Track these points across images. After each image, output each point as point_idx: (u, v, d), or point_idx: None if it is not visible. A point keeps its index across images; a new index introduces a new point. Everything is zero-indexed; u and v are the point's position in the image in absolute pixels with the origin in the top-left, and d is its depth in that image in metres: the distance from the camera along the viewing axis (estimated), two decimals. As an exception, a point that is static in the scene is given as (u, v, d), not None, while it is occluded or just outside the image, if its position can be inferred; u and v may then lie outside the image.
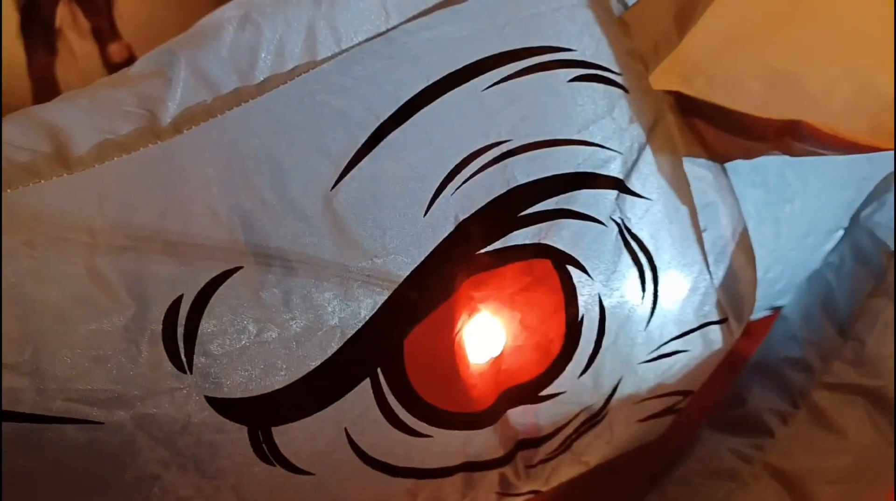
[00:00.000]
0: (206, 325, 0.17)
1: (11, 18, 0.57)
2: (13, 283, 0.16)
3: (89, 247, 0.16)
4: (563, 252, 0.21)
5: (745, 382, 0.36)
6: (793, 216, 0.31)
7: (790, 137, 0.24)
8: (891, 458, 0.33)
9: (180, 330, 0.16)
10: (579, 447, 0.24)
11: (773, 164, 0.30)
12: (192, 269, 0.17)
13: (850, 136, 0.23)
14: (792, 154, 0.25)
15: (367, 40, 0.20)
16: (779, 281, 0.33)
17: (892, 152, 0.27)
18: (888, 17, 0.26)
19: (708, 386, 0.36)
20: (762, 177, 0.30)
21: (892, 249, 0.33)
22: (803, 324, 0.35)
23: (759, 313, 0.38)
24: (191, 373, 0.16)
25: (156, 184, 0.17)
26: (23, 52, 0.58)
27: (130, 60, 0.64)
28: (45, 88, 0.60)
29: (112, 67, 0.62)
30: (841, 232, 0.34)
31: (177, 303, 0.16)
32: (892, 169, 0.34)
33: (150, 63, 0.21)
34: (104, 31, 0.61)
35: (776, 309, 0.38)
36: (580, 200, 0.21)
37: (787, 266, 0.33)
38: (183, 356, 0.16)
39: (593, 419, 0.23)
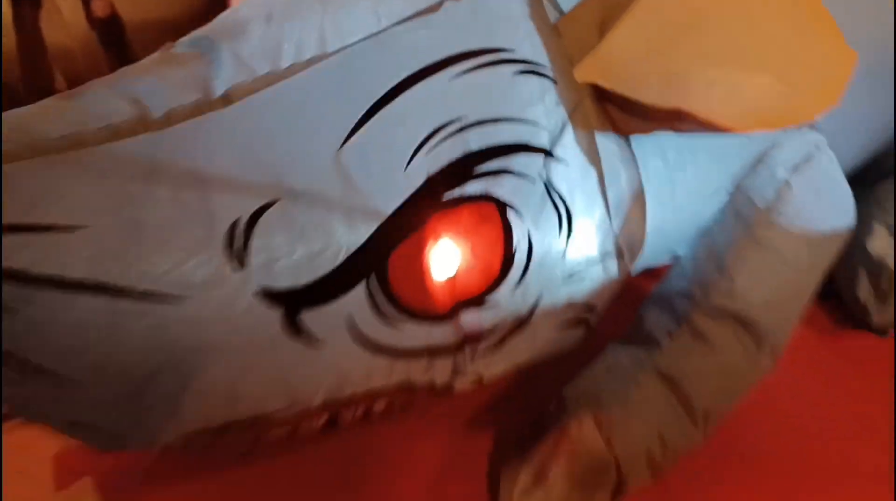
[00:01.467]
0: (255, 240, 0.24)
1: None
2: None
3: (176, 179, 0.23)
4: (503, 200, 0.28)
5: (644, 309, 0.42)
6: (685, 181, 0.39)
7: (677, 120, 0.31)
8: (752, 367, 0.41)
9: (237, 242, 0.24)
10: (509, 345, 0.31)
11: (670, 140, 0.37)
12: (245, 198, 0.24)
13: (720, 122, 0.30)
14: (679, 132, 0.33)
15: (364, 39, 0.26)
16: (675, 232, 0.41)
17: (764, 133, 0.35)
18: (755, 33, 0.32)
19: (621, 319, 0.44)
20: (662, 150, 0.37)
21: (761, 207, 0.42)
22: (692, 265, 0.41)
23: (662, 260, 0.47)
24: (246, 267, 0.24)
25: (219, 142, 0.24)
26: (9, 5, 0.60)
27: (113, 16, 0.68)
28: (29, 40, 0.62)
29: (95, 22, 0.65)
30: (726, 194, 0.43)
31: (235, 223, 0.24)
32: (766, 146, 0.42)
33: (192, 47, 0.27)
34: None
35: (676, 257, 0.46)
36: (517, 162, 0.28)
37: (680, 220, 0.40)
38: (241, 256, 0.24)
39: (521, 324, 0.31)
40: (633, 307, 0.44)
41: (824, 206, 0.40)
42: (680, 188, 0.38)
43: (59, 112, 0.23)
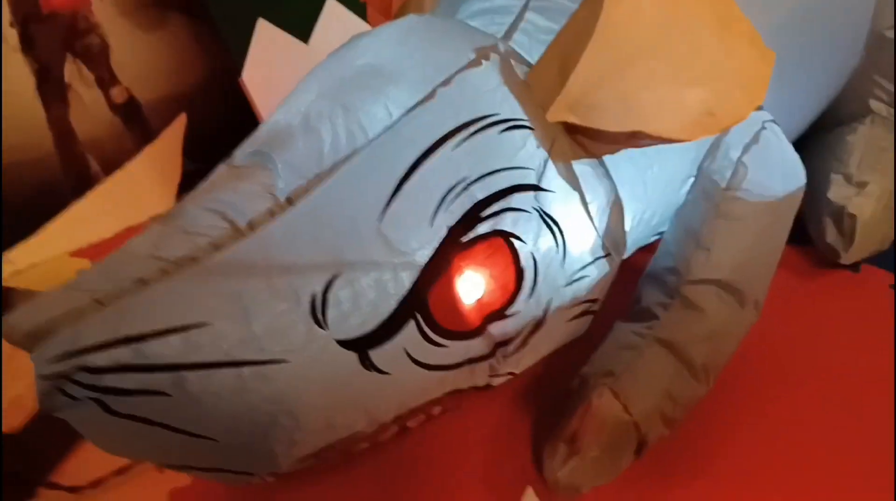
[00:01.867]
0: (329, 306, 0.31)
1: (29, 81, 0.67)
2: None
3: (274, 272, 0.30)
4: (509, 232, 0.34)
5: (640, 287, 0.48)
6: (654, 176, 0.45)
7: (636, 139, 0.35)
8: (739, 323, 0.48)
9: (317, 310, 0.31)
10: (532, 343, 0.38)
11: (641, 156, 0.42)
12: (317, 275, 0.31)
13: (670, 136, 0.34)
14: (639, 147, 0.39)
15: (382, 132, 0.33)
16: (653, 218, 0.48)
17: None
18: (689, 51, 0.35)
19: (624, 296, 0.51)
20: (630, 156, 0.42)
21: (722, 186, 0.48)
22: (673, 243, 0.47)
23: (651, 239, 0.54)
24: (327, 328, 0.31)
25: (291, 236, 0.30)
26: (41, 107, 0.68)
27: (131, 99, 0.76)
28: (63, 135, 0.70)
29: (116, 108, 0.73)
30: (692, 178, 0.50)
31: (314, 295, 0.31)
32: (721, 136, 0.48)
33: (251, 160, 0.34)
34: (105, 79, 0.72)
35: (662, 234, 0.53)
36: (514, 200, 0.34)
37: (657, 208, 0.47)
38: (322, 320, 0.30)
39: (539, 324, 0.37)
40: (633, 283, 0.51)
41: (776, 175, 0.47)
42: (651, 184, 0.45)
43: (172, 237, 0.30)
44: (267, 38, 0.70)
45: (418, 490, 0.45)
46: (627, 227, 0.44)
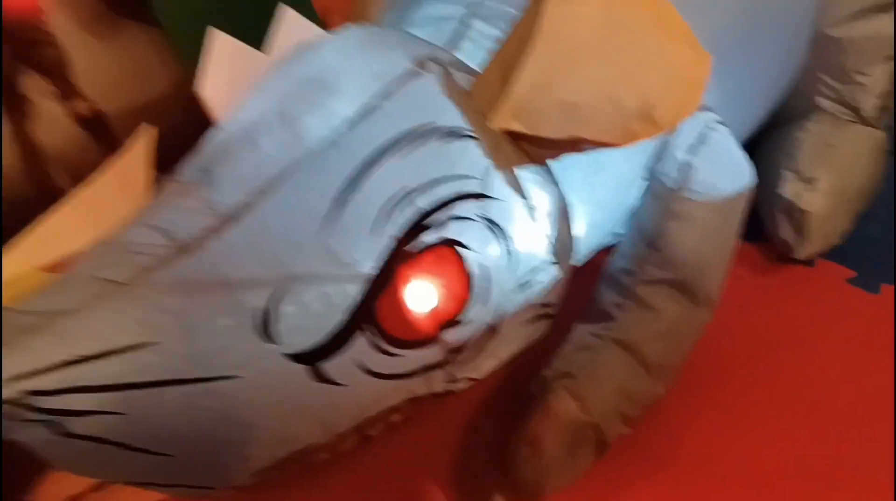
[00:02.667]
0: (275, 319, 0.32)
1: None
2: None
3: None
4: (455, 240, 0.35)
5: (598, 289, 0.50)
6: (603, 181, 0.45)
7: (576, 145, 0.36)
8: (692, 320, 0.49)
9: (263, 324, 0.31)
10: (489, 347, 0.38)
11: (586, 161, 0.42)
12: (262, 290, 0.31)
13: (609, 141, 0.35)
14: (581, 152, 0.40)
15: (322, 143, 0.33)
16: (607, 222, 0.49)
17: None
18: (624, 57, 0.36)
19: (584, 298, 0.52)
20: (577, 161, 0.44)
21: (670, 186, 0.49)
22: (627, 244, 0.49)
23: (610, 240, 0.55)
24: (274, 342, 0.31)
25: (235, 252, 0.31)
26: (9, 122, 0.67)
27: (97, 115, 0.75)
28: (28, 149, 0.70)
29: (81, 120, 0.72)
30: (643, 181, 0.51)
31: (257, 309, 0.31)
32: (664, 136, 0.49)
33: (193, 176, 0.34)
34: (66, 91, 0.71)
35: (618, 236, 0.54)
36: (458, 209, 0.34)
37: (609, 211, 0.48)
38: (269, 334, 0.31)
39: (493, 329, 0.38)
40: (594, 285, 0.52)
41: (723, 174, 0.48)
42: (600, 188, 0.46)
43: (114, 255, 0.30)
44: (222, 48, 0.70)
45: (383, 498, 0.46)
46: (580, 231, 0.45)
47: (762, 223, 0.61)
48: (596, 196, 0.46)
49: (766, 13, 0.53)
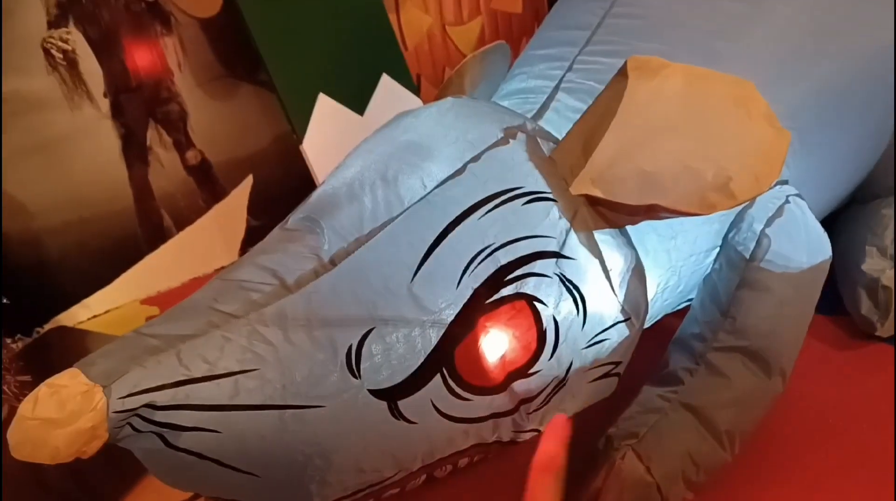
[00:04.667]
0: (363, 358, 0.34)
1: (115, 143, 0.75)
2: None
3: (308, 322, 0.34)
4: (531, 295, 0.37)
5: (668, 353, 0.50)
6: (678, 247, 0.47)
7: (654, 212, 0.38)
8: (763, 390, 0.49)
9: (352, 361, 0.34)
10: (555, 400, 0.40)
11: (665, 227, 0.44)
12: (354, 329, 0.34)
13: (686, 210, 0.37)
14: (658, 219, 0.41)
15: (416, 202, 0.36)
16: (679, 286, 0.50)
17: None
18: (705, 132, 0.38)
19: (654, 360, 0.53)
20: (654, 227, 0.45)
21: (746, 256, 0.50)
22: (700, 310, 0.49)
23: (680, 306, 0.55)
24: (360, 378, 0.34)
25: (332, 293, 0.34)
26: (125, 167, 0.76)
27: (203, 161, 0.83)
28: (142, 192, 0.78)
29: (190, 168, 0.80)
30: (717, 249, 0.51)
31: (349, 347, 0.34)
32: (743, 207, 0.50)
33: (301, 224, 0.38)
34: (182, 143, 0.79)
35: (689, 302, 0.55)
36: (537, 266, 0.37)
37: (682, 277, 0.49)
38: (356, 370, 0.34)
39: (560, 383, 0.39)
40: (664, 347, 0.52)
41: (799, 247, 0.48)
42: (675, 254, 0.47)
43: (229, 291, 0.34)
44: (326, 110, 0.77)
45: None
46: (652, 294, 0.46)
47: (843, 298, 0.60)
48: (671, 261, 0.47)
49: (848, 89, 0.53)
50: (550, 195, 0.39)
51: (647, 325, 0.50)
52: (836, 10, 0.52)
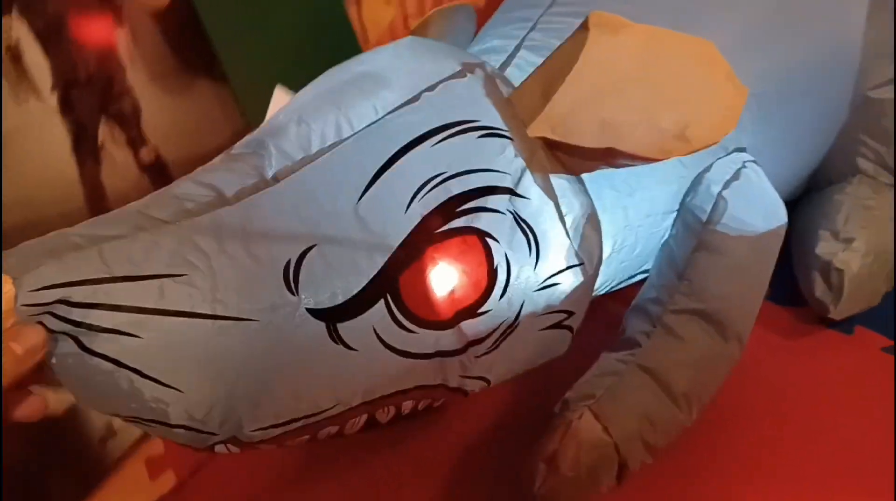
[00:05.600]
0: (302, 274, 0.33)
1: (65, 140, 0.71)
2: None
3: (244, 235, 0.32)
4: (483, 230, 0.36)
5: (625, 319, 0.49)
6: (635, 204, 0.47)
7: (611, 157, 0.38)
8: (720, 354, 0.48)
9: (290, 276, 0.32)
10: (505, 346, 0.39)
11: (619, 173, 0.44)
12: (294, 245, 0.32)
13: (644, 154, 0.37)
14: (615, 167, 0.41)
15: (368, 125, 0.36)
16: (635, 248, 0.49)
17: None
18: (665, 85, 0.38)
19: (612, 332, 0.52)
20: (611, 182, 0.45)
21: (703, 219, 0.50)
22: (657, 275, 0.49)
23: (637, 278, 0.55)
24: (297, 295, 0.32)
25: (273, 208, 0.32)
26: (75, 165, 0.72)
27: (157, 159, 0.80)
28: (95, 192, 0.74)
29: (143, 167, 0.77)
30: (675, 213, 0.51)
31: (288, 262, 0.32)
32: (700, 169, 0.51)
33: (247, 147, 0.37)
34: (136, 140, 0.76)
35: (646, 272, 0.54)
36: (490, 201, 0.36)
37: (639, 237, 0.48)
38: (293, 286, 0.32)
39: (510, 327, 0.38)
40: (621, 318, 0.51)
41: (756, 211, 0.48)
42: (632, 212, 0.47)
43: (162, 200, 0.32)
44: (283, 103, 0.76)
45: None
46: (608, 249, 0.45)
47: (798, 282, 0.60)
48: (627, 218, 0.47)
49: (809, 69, 0.54)
50: (507, 133, 0.38)
51: (603, 290, 0.50)
52: None
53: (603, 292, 0.51)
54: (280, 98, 0.72)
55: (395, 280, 0.34)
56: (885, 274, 0.57)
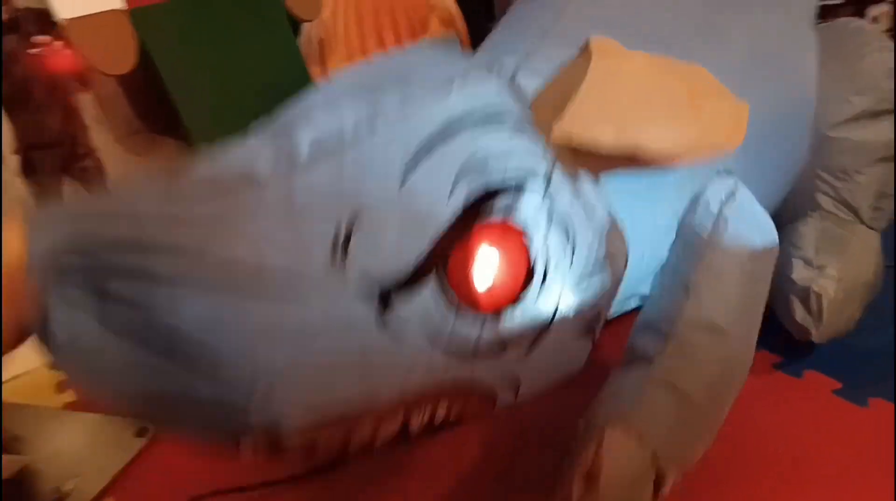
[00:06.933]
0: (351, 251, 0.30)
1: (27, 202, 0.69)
2: None
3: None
4: (520, 223, 0.35)
5: (632, 339, 0.49)
6: (642, 219, 0.47)
7: (630, 159, 0.38)
8: (732, 362, 0.47)
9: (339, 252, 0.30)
10: (538, 351, 0.37)
11: (625, 185, 0.43)
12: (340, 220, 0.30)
13: (664, 156, 0.37)
14: (632, 168, 0.41)
15: (401, 112, 0.35)
16: (640, 266, 0.48)
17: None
18: (673, 102, 0.39)
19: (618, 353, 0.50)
20: (619, 196, 0.46)
21: (704, 236, 0.51)
22: (660, 294, 0.50)
23: (632, 302, 0.55)
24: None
25: (322, 186, 0.31)
26: None
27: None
28: None
29: None
30: (674, 232, 0.52)
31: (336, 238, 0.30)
32: (697, 189, 0.52)
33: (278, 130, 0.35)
34: None
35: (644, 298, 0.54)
36: (527, 197, 0.35)
37: (642, 254, 0.48)
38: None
39: (546, 329, 0.37)
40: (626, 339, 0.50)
41: (752, 228, 0.49)
42: (639, 226, 0.47)
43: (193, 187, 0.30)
44: None
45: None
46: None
47: (774, 309, 0.61)
48: (634, 228, 0.46)
49: (781, 109, 0.59)
50: (536, 133, 0.38)
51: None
52: (772, 47, 0.59)
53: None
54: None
55: (445, 258, 0.32)
56: (857, 301, 0.60)
